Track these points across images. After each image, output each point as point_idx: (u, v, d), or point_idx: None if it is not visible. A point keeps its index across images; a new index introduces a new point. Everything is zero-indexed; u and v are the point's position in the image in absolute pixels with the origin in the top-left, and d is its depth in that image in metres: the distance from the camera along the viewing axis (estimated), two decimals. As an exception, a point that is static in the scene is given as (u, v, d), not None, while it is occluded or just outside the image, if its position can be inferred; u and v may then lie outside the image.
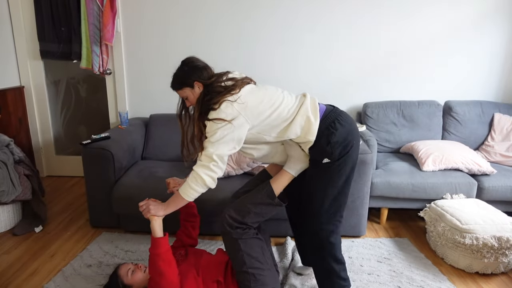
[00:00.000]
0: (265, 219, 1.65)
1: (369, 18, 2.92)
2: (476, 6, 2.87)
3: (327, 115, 1.56)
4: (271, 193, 1.59)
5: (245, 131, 1.51)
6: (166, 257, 1.54)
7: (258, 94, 1.56)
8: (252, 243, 1.57)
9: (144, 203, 1.64)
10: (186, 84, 1.57)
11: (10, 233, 2.43)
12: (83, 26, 2.92)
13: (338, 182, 1.58)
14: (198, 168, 1.50)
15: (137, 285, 1.63)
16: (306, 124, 1.53)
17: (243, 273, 1.56)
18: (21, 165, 2.51)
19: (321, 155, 1.54)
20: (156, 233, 1.58)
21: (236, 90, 1.52)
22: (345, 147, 1.53)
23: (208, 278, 1.63)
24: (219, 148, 1.47)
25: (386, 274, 2.01)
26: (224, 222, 1.57)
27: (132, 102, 3.21)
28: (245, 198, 1.62)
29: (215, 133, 1.47)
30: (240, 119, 1.48)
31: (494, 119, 2.82)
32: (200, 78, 1.56)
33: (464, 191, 2.38)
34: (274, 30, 2.98)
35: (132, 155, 2.66)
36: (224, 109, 1.47)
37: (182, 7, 2.97)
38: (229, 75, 1.61)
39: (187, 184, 1.53)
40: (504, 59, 2.99)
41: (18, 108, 3.15)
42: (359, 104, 3.11)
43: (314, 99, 1.61)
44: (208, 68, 1.61)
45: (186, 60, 1.62)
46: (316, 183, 1.59)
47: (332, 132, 1.52)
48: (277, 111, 1.53)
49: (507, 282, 1.98)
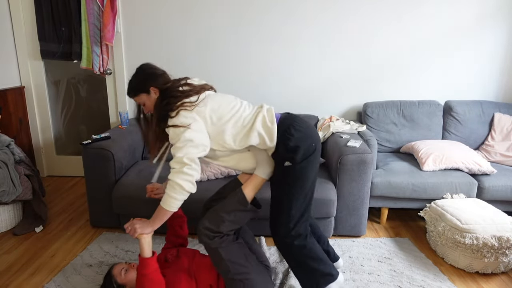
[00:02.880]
0: (241, 225, 1.64)
1: (369, 18, 2.92)
2: (476, 6, 2.87)
3: (282, 122, 1.59)
4: (243, 199, 1.58)
5: (207, 134, 1.53)
6: (153, 277, 1.52)
7: (216, 99, 1.58)
8: (233, 249, 1.56)
9: (129, 224, 1.59)
10: (142, 90, 1.59)
11: (11, 233, 2.43)
12: (84, 26, 2.92)
13: (303, 185, 1.58)
14: (173, 176, 1.48)
15: (131, 284, 1.63)
16: (264, 130, 1.55)
17: (230, 280, 1.55)
18: (22, 165, 2.51)
19: (282, 159, 1.56)
20: (145, 252, 1.55)
21: (193, 95, 1.54)
22: (306, 150, 1.55)
23: (201, 282, 1.62)
24: (188, 152, 1.47)
25: (387, 274, 2.01)
26: (200, 234, 1.55)
27: (132, 102, 3.21)
28: (218, 207, 1.60)
29: (179, 138, 1.47)
30: (199, 123, 1.50)
31: (494, 118, 2.82)
32: (156, 83, 1.57)
33: (464, 191, 2.38)
34: (273, 30, 2.98)
35: (132, 155, 2.66)
36: (181, 115, 1.49)
37: (182, 7, 2.97)
38: (187, 81, 1.63)
39: (167, 195, 1.50)
40: (504, 59, 2.99)
41: (18, 108, 3.15)
42: (359, 104, 3.11)
43: (271, 108, 1.64)
44: (165, 74, 1.63)
45: (142, 67, 1.64)
46: (281, 187, 1.60)
47: (288, 138, 1.54)
48: (236, 115, 1.55)
49: (507, 282, 1.98)
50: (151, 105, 1.61)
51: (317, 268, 1.63)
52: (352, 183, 2.26)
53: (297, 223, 1.60)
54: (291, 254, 1.64)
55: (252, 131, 1.54)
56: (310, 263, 1.63)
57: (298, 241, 1.61)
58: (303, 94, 3.10)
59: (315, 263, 1.63)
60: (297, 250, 1.62)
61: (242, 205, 1.58)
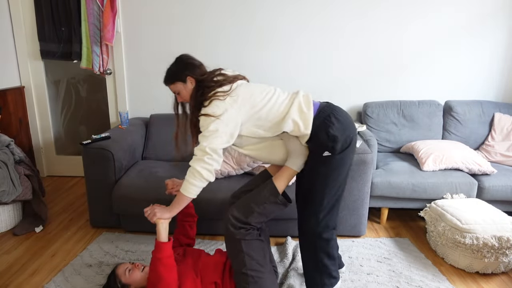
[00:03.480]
0: (269, 219, 1.64)
1: (369, 18, 2.92)
2: (476, 6, 2.87)
3: (321, 110, 1.58)
4: (274, 190, 1.59)
5: (237, 124, 1.54)
6: (167, 262, 1.55)
7: (249, 88, 1.59)
8: (254, 245, 1.57)
9: (149, 208, 1.65)
10: (179, 79, 1.62)
11: (11, 233, 2.43)
12: (83, 26, 2.92)
13: (338, 176, 1.58)
14: (193, 163, 1.53)
15: (135, 284, 1.64)
16: (300, 116, 1.55)
17: (242, 274, 1.55)
18: (22, 165, 2.51)
19: (321, 148, 1.54)
20: (161, 237, 1.58)
21: (227, 84, 1.56)
22: (345, 140, 1.54)
23: (206, 280, 1.63)
24: (212, 142, 1.49)
25: (385, 274, 2.01)
26: (227, 223, 1.57)
27: (132, 102, 3.21)
28: (247, 197, 1.62)
29: (208, 127, 1.50)
30: (231, 112, 1.51)
31: (495, 118, 2.82)
32: (193, 73, 1.60)
33: (464, 191, 2.38)
34: (273, 30, 2.98)
35: (132, 155, 2.66)
36: (214, 105, 1.51)
37: (182, 7, 2.97)
38: (221, 71, 1.65)
39: (186, 181, 1.54)
40: (504, 59, 2.99)
41: (18, 108, 3.15)
42: (359, 104, 3.11)
43: (307, 94, 1.63)
44: (202, 65, 1.66)
45: (181, 57, 1.67)
46: (317, 176, 1.58)
47: (329, 125, 1.53)
48: (269, 103, 1.55)
49: (508, 282, 1.98)
50: (186, 94, 1.64)
51: (328, 267, 1.65)
52: (352, 183, 2.26)
53: (327, 214, 1.61)
54: (314, 247, 1.64)
55: (287, 117, 1.54)
56: (325, 260, 1.64)
57: (326, 233, 1.62)
58: (303, 94, 3.10)
59: (329, 262, 1.65)
60: (322, 243, 1.63)
61: (273, 196, 1.58)
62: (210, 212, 2.17)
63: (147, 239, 2.33)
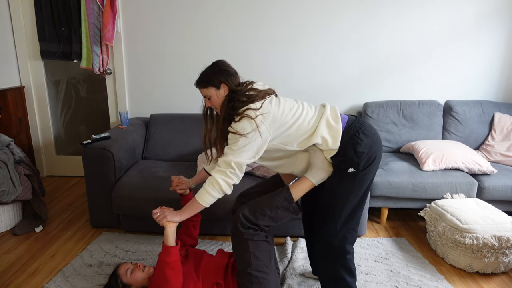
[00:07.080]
0: (278, 224, 1.64)
1: (369, 18, 2.92)
2: (476, 6, 2.87)
3: (350, 125, 1.56)
4: (290, 197, 1.58)
5: (266, 141, 1.53)
6: (175, 265, 1.55)
7: (279, 105, 1.57)
8: (261, 246, 1.57)
9: (159, 210, 1.64)
10: (213, 84, 1.59)
11: (11, 233, 2.43)
12: (83, 26, 2.92)
13: (360, 191, 1.57)
14: (215, 174, 1.53)
15: (136, 284, 1.64)
16: (329, 132, 1.54)
17: (247, 274, 1.55)
18: (22, 165, 2.51)
19: (346, 164, 1.53)
20: (169, 241, 1.58)
21: (258, 100, 1.54)
22: (370, 157, 1.53)
23: (208, 281, 1.63)
24: (239, 156, 1.50)
25: (384, 274, 2.01)
26: (237, 221, 1.56)
27: (132, 102, 3.21)
28: (261, 200, 1.61)
29: (237, 141, 1.50)
30: (261, 130, 1.50)
31: (495, 118, 2.82)
32: (228, 81, 1.58)
33: (464, 190, 2.38)
34: (273, 30, 2.98)
35: (133, 155, 2.66)
36: (244, 121, 1.50)
37: (182, 7, 2.97)
38: (253, 85, 1.63)
39: (204, 189, 1.55)
40: (504, 59, 2.99)
41: (18, 108, 3.15)
42: (359, 104, 3.11)
43: (335, 108, 1.62)
44: (236, 74, 1.63)
45: (218, 62, 1.64)
46: (339, 192, 1.57)
47: (358, 142, 1.52)
48: (299, 120, 1.54)
49: (508, 282, 1.98)
50: (217, 100, 1.61)
51: (346, 281, 1.63)
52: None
53: (345, 225, 1.59)
54: (331, 257, 1.62)
55: (316, 134, 1.54)
56: (343, 273, 1.62)
57: (342, 245, 1.60)
58: (303, 94, 3.09)
59: (346, 274, 1.63)
60: (338, 255, 1.61)
61: (287, 202, 1.57)
62: (210, 213, 2.17)
63: (147, 239, 2.33)
